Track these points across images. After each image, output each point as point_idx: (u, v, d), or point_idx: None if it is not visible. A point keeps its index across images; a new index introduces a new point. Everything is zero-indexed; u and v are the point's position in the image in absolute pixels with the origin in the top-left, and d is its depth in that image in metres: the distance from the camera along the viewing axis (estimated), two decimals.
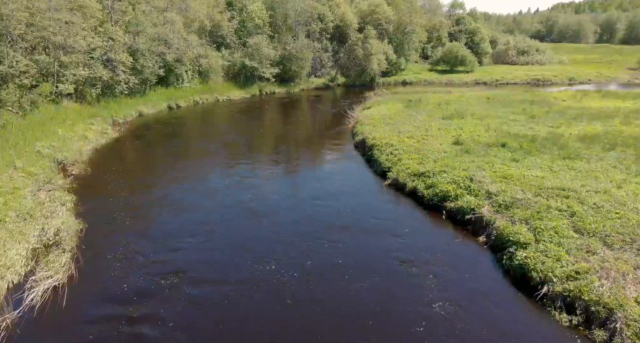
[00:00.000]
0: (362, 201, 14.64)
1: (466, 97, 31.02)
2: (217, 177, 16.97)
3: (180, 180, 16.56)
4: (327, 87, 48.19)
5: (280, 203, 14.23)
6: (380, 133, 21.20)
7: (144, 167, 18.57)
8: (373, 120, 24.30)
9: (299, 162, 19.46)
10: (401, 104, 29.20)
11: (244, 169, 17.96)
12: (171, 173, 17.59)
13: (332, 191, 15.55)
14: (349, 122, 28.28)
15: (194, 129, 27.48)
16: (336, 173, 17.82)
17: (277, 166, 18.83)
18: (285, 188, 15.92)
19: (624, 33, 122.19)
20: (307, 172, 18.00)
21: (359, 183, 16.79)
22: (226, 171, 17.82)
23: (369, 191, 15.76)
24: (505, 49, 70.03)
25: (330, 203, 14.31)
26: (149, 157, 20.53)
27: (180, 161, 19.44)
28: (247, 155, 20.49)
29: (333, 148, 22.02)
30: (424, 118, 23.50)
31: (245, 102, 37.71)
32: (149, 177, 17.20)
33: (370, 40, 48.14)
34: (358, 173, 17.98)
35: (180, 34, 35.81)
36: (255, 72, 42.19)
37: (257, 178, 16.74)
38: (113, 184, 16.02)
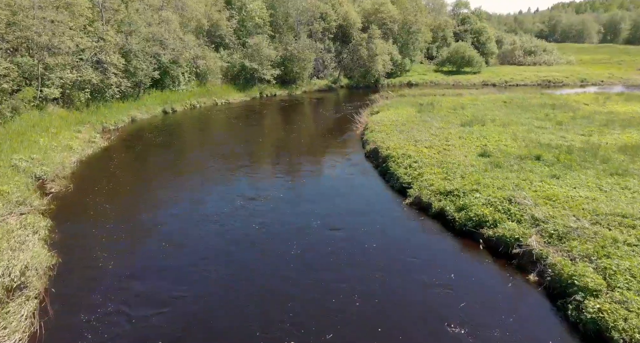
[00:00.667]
0: (384, 228, 12.66)
1: (481, 101, 29.10)
2: (215, 199, 14.70)
3: (173, 203, 14.33)
4: (330, 89, 46.27)
5: (290, 236, 11.95)
6: (394, 141, 19.28)
7: (133, 184, 16.51)
8: (384, 126, 22.37)
9: (306, 177, 17.42)
10: (412, 109, 27.28)
11: (245, 188, 15.87)
12: (163, 192, 15.53)
13: (348, 214, 13.58)
14: (356, 128, 26.38)
15: (190, 137, 25.51)
16: (349, 189, 15.85)
17: (281, 182, 16.82)
18: (294, 212, 13.64)
19: (628, 33, 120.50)
20: (317, 189, 15.87)
21: (376, 202, 14.83)
22: (225, 190, 15.52)
23: (390, 213, 13.79)
24: (512, 49, 68.23)
25: (349, 232, 12.30)
26: (139, 171, 18.48)
27: (174, 178, 17.41)
28: (248, 169, 18.40)
29: (342, 159, 20.06)
30: (441, 125, 21.57)
31: (245, 106, 35.76)
32: (137, 197, 15.17)
33: (374, 40, 46.23)
34: (373, 190, 16.03)
35: (176, 34, 33.85)
36: (255, 73, 40.26)
37: (260, 200, 14.47)
38: (96, 206, 14.04)
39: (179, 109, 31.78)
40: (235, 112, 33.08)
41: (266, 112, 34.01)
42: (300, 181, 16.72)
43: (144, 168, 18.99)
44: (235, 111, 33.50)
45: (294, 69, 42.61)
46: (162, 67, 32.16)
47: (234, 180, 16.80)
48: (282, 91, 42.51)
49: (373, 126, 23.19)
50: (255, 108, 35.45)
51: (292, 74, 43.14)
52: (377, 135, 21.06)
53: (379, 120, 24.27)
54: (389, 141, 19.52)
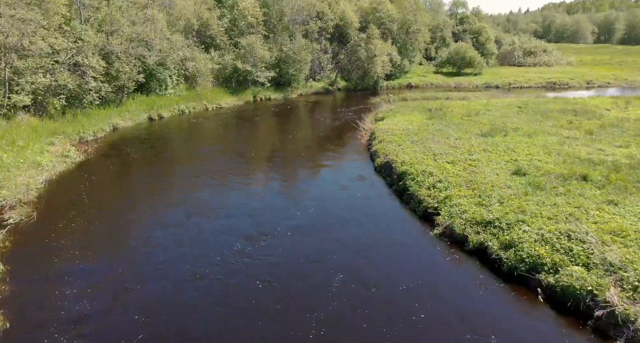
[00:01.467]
0: (413, 269, 10.41)
1: (493, 106, 27.01)
2: (205, 241, 11.70)
3: (155, 241, 11.68)
4: (327, 91, 43.97)
5: (309, 302, 9.49)
6: (409, 154, 17.03)
7: (108, 211, 13.92)
8: (395, 136, 20.13)
9: (312, 199, 15.05)
10: (421, 115, 25.10)
11: (242, 220, 13.18)
12: (143, 223, 12.99)
13: (366, 248, 11.30)
14: (361, 137, 24.12)
15: (176, 148, 23.02)
16: (362, 214, 13.55)
17: (282, 204, 14.47)
18: (306, 256, 10.97)
19: (623, 33, 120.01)
20: (327, 218, 13.38)
21: (397, 231, 12.55)
22: (217, 226, 12.74)
23: (417, 248, 11.52)
24: (511, 49, 66.51)
25: (370, 277, 10.01)
26: (116, 193, 15.90)
27: (158, 201, 14.91)
28: (243, 192, 15.86)
29: (349, 174, 17.77)
30: (459, 134, 19.38)
31: (238, 111, 33.32)
32: (112, 230, 12.62)
33: (373, 40, 44.03)
34: (391, 215, 13.75)
35: (163, 34, 31.35)
36: (248, 76, 37.81)
37: (263, 240, 11.67)
38: (62, 241, 11.57)
39: (166, 116, 29.25)
40: (227, 118, 30.63)
41: (260, 118, 31.61)
42: (302, 205, 14.36)
43: (123, 189, 16.42)
44: (227, 116, 31.05)
45: (289, 71, 40.26)
46: (148, 69, 29.61)
47: (228, 208, 14.03)
48: (277, 94, 40.13)
49: (381, 135, 20.94)
50: (249, 113, 33.04)
51: (288, 77, 40.78)
52: (387, 146, 18.82)
53: (387, 128, 22.02)
54: (403, 154, 17.27)
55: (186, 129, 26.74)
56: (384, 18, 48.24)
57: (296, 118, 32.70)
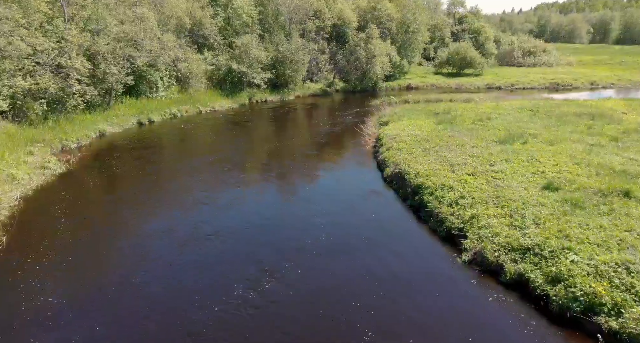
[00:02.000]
0: (446, 307, 8.92)
1: (504, 109, 25.63)
2: (201, 277, 9.94)
3: (139, 282, 9.92)
4: (325, 93, 42.43)
5: (303, 326, 8.23)
6: (423, 164, 15.57)
7: (87, 239, 12.05)
8: (404, 143, 18.65)
9: (317, 218, 13.49)
10: (428, 119, 23.67)
11: (237, 244, 11.59)
12: (126, 257, 11.07)
13: (389, 283, 9.78)
14: (365, 142, 22.65)
15: (167, 157, 21.38)
16: (377, 237, 12.03)
17: (287, 230, 12.91)
18: (321, 297, 9.25)
19: (618, 33, 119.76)
20: (335, 241, 11.83)
21: (419, 258, 11.05)
22: (210, 256, 11.05)
23: (445, 280, 10.01)
24: (510, 49, 65.38)
25: (398, 323, 8.53)
26: (98, 214, 13.99)
27: (145, 225, 13.19)
28: (238, 208, 14.25)
29: (356, 186, 16.26)
30: (475, 142, 17.91)
31: (233, 114, 31.70)
32: (89, 266, 10.78)
33: (372, 40, 42.56)
34: (410, 237, 12.25)
35: (154, 33, 29.63)
36: (243, 77, 36.18)
37: (263, 276, 9.89)
38: (31, 279, 9.92)
39: (156, 120, 27.54)
40: (221, 122, 29.00)
41: (257, 123, 30.02)
42: (305, 223, 12.82)
43: (106, 210, 14.58)
44: (221, 121, 29.41)
45: (286, 72, 38.66)
46: (137, 71, 27.90)
47: (224, 235, 12.24)
48: (274, 96, 38.53)
49: (388, 142, 19.46)
50: (244, 117, 31.43)
51: (284, 78, 39.18)
52: (397, 154, 17.34)
53: (394, 134, 20.54)
54: (415, 163, 15.80)
55: (178, 135, 25.05)
56: (382, 17, 46.82)
57: (295, 122, 31.14)
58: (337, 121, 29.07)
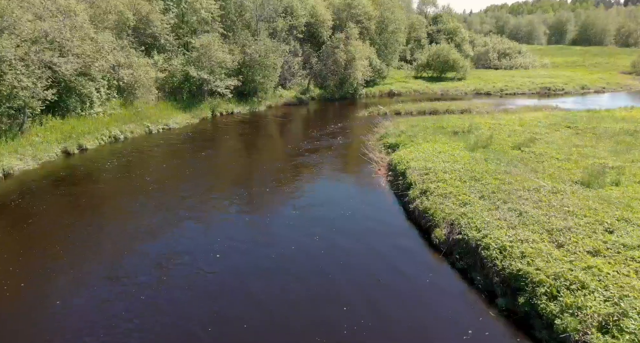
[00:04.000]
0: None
1: (530, 125, 21.10)
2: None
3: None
4: (301, 102, 36.73)
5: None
6: (498, 227, 10.30)
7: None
8: (444, 183, 13.39)
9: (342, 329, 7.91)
10: (450, 140, 18.61)
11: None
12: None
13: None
14: (376, 174, 17.24)
15: (101, 205, 14.87)
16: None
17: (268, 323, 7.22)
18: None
19: (575, 34, 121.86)
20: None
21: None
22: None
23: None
24: (485, 51, 62.42)
25: None
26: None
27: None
28: (205, 287, 8.65)
29: (387, 262, 10.75)
30: (549, 183, 12.85)
31: (192, 132, 25.34)
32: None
33: (352, 41, 37.31)
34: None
35: (85, 32, 22.79)
36: (204, 85, 29.84)
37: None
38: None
39: (91, 146, 20.77)
40: (176, 144, 22.59)
41: (222, 142, 23.89)
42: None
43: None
44: (176, 142, 23.01)
45: (255, 79, 32.60)
46: (63, 82, 21.02)
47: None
48: (241, 106, 32.39)
49: (418, 179, 14.13)
50: (207, 135, 25.17)
51: (253, 85, 33.12)
52: (444, 204, 12.04)
53: (420, 166, 15.22)
54: (484, 223, 10.54)
55: (118, 168, 18.40)
56: (360, 15, 41.68)
57: (270, 141, 25.21)
58: (324, 138, 23.46)
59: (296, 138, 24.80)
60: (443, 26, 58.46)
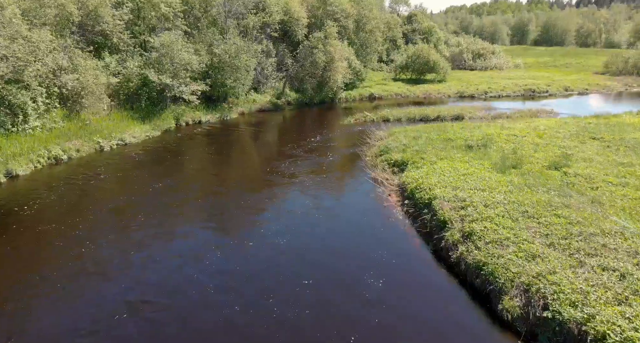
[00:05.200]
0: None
1: (552, 137, 18.55)
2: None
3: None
4: (276, 107, 33.15)
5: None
6: (606, 302, 7.39)
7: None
8: (491, 223, 10.43)
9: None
10: (469, 157, 15.71)
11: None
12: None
13: None
14: (387, 202, 14.10)
15: (33, 248, 10.88)
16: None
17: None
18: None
19: (536, 35, 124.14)
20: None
21: None
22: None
23: None
24: (459, 51, 60.81)
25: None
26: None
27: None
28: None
29: (444, 339, 7.64)
30: (627, 219, 10.06)
31: (153, 147, 21.37)
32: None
33: (331, 41, 34.11)
34: None
35: (16, 30, 18.41)
36: (167, 91, 25.76)
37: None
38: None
39: (23, 172, 16.48)
40: (133, 163, 18.55)
41: (188, 158, 20.04)
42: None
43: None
44: (133, 160, 18.98)
45: (225, 82, 28.77)
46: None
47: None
48: (210, 114, 28.48)
49: (453, 216, 11.13)
50: (170, 150, 21.20)
51: (223, 90, 29.28)
52: (503, 256, 9.08)
53: (450, 195, 12.23)
54: (583, 297, 7.61)
55: (55, 204, 14.25)
56: (337, 13, 38.51)
57: (246, 156, 21.54)
58: (309, 154, 20.10)
59: (276, 154, 21.25)
60: (418, 26, 56.30)
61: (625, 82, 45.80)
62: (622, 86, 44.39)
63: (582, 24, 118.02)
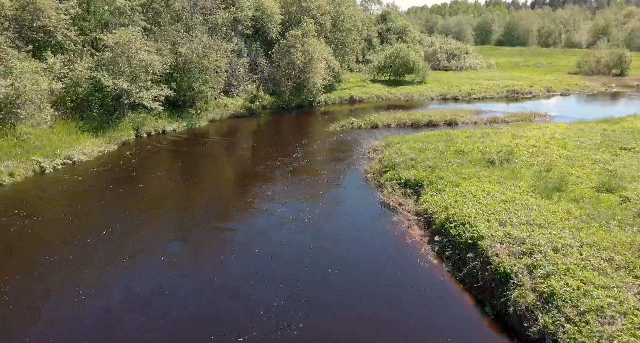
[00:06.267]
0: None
1: (580, 147, 16.44)
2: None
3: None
4: (252, 113, 29.86)
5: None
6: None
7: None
8: (573, 278, 7.92)
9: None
10: (489, 173, 13.26)
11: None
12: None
13: None
14: (409, 239, 11.40)
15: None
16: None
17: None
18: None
19: (500, 35, 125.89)
20: None
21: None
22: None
23: None
24: (433, 51, 59.34)
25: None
26: None
27: None
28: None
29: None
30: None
31: (106, 166, 17.70)
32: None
33: (310, 39, 31.17)
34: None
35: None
36: (124, 97, 22.03)
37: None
38: None
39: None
40: (80, 196, 14.84)
41: (149, 182, 16.45)
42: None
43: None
44: (82, 184, 15.30)
45: (193, 86, 25.25)
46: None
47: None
48: (176, 123, 24.88)
49: (511, 264, 8.55)
50: (127, 169, 17.55)
51: (191, 94, 25.74)
52: (619, 338, 6.36)
53: (497, 234, 9.66)
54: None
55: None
56: (312, 9, 35.59)
57: (218, 178, 18.13)
58: (291, 170, 17.12)
59: (254, 173, 18.04)
60: (392, 24, 54.26)
61: (603, 82, 45.46)
62: (601, 86, 43.94)
63: (542, 24, 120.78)
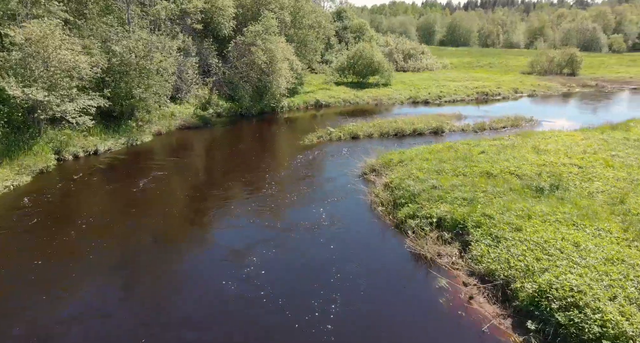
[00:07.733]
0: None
1: (626, 165, 13.77)
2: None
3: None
4: (204, 122, 25.08)
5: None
6: None
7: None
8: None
9: None
10: (545, 207, 10.07)
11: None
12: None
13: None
14: (486, 329, 7.77)
15: None
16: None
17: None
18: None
19: (442, 35, 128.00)
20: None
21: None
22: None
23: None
24: (389, 51, 56.99)
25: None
26: None
27: None
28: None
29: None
30: None
31: (12, 213, 12.53)
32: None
33: (272, 37, 26.93)
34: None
35: None
36: (40, 111, 16.63)
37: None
38: None
39: None
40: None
41: (71, 226, 11.59)
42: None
43: None
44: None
45: (132, 93, 20.19)
46: None
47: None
48: (112, 139, 19.75)
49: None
50: (43, 217, 12.49)
51: (129, 102, 20.63)
52: None
53: (636, 327, 6.17)
54: None
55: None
56: (270, 3, 31.29)
57: (171, 234, 13.62)
58: (266, 208, 13.10)
59: (218, 217, 13.66)
60: (349, 23, 51.13)
61: (561, 82, 45.23)
62: (563, 87, 43.57)
63: (482, 25, 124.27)
